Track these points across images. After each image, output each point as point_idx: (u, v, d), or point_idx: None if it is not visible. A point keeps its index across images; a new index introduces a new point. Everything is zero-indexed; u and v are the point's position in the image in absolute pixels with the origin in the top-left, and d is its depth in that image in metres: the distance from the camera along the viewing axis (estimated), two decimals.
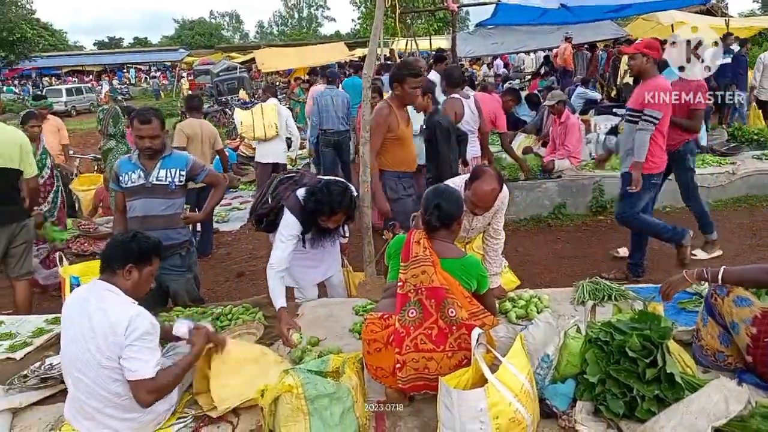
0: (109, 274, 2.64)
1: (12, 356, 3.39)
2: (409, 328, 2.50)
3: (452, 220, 2.76)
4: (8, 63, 35.46)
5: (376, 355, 2.57)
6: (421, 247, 2.64)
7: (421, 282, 2.54)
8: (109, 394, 2.47)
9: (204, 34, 60.83)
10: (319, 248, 3.78)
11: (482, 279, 2.74)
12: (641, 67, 4.61)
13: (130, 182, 3.85)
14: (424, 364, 2.49)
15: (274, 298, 3.43)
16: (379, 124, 4.37)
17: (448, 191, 2.84)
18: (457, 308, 2.48)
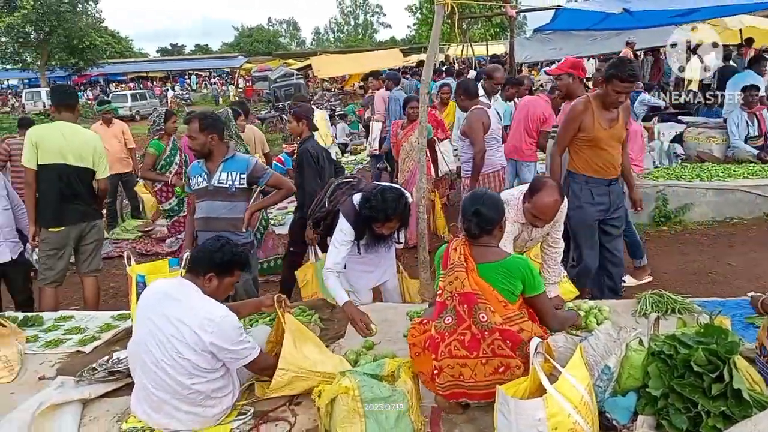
0: (193, 275, 2.76)
1: (82, 350, 3.56)
2: (444, 334, 2.50)
3: (492, 226, 2.68)
4: (78, 69, 37.23)
5: (417, 359, 2.60)
6: (457, 254, 2.62)
7: (455, 288, 2.54)
8: (178, 386, 2.57)
9: (262, 41, 62.28)
10: (373, 253, 3.81)
11: (529, 279, 2.60)
12: (568, 87, 4.69)
13: (196, 185, 4.01)
14: (459, 371, 2.48)
15: (336, 295, 3.49)
16: (570, 119, 4.02)
17: (487, 196, 2.77)
18: (490, 313, 2.45)
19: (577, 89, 4.63)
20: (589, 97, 3.96)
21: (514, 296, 2.58)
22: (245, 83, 35.36)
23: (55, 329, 3.92)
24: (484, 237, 2.67)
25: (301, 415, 2.72)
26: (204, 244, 2.88)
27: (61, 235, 4.49)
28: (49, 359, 3.48)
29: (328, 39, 77.49)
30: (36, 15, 31.44)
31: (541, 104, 6.23)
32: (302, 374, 2.73)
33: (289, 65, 29.06)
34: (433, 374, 2.49)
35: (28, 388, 3.15)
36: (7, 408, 2.91)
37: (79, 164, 4.48)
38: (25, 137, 4.56)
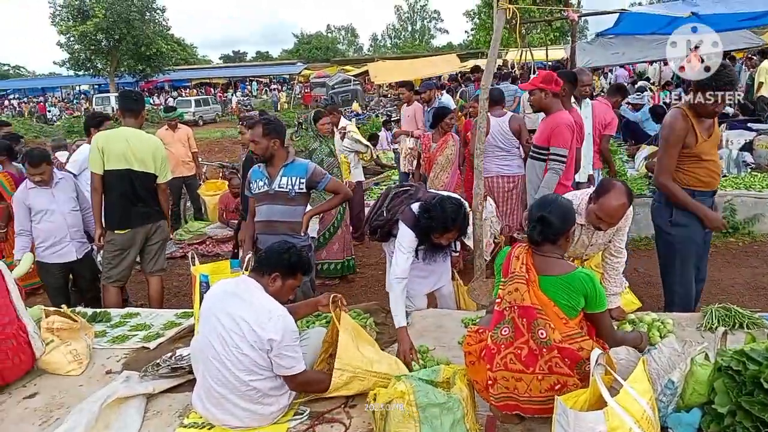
0: (258, 274, 2.84)
1: (146, 346, 3.70)
2: (500, 345, 2.46)
3: (558, 235, 2.56)
4: (145, 76, 38.74)
5: (472, 367, 2.58)
6: (519, 263, 2.54)
7: (515, 299, 2.48)
8: (237, 382, 2.64)
9: (321, 47, 63.23)
10: (430, 261, 3.81)
11: (593, 295, 2.49)
12: (541, 103, 4.43)
13: (257, 189, 4.11)
14: (514, 385, 2.44)
15: (396, 314, 3.43)
16: (674, 140, 3.68)
17: (556, 203, 2.63)
18: (549, 330, 2.39)
19: (551, 104, 4.44)
20: (683, 110, 3.68)
21: (575, 312, 2.50)
22: (303, 89, 35.93)
23: (121, 325, 4.10)
24: (548, 246, 2.56)
25: (356, 417, 2.74)
26: (272, 246, 2.96)
27: (127, 236, 4.67)
28: (116, 354, 3.64)
29: (385, 45, 77.99)
30: (107, 23, 32.92)
31: (603, 108, 6.11)
32: (359, 374, 2.75)
33: (347, 71, 29.41)
34: (488, 384, 2.47)
35: (96, 381, 3.31)
36: (77, 399, 3.07)
37: (143, 169, 4.66)
38: (91, 142, 4.75)
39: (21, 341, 3.27)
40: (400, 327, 3.36)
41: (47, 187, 4.66)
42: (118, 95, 5.39)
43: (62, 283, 4.90)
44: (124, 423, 2.77)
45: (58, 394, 3.19)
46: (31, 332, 3.34)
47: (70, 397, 3.15)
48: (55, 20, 34.38)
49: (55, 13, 34.34)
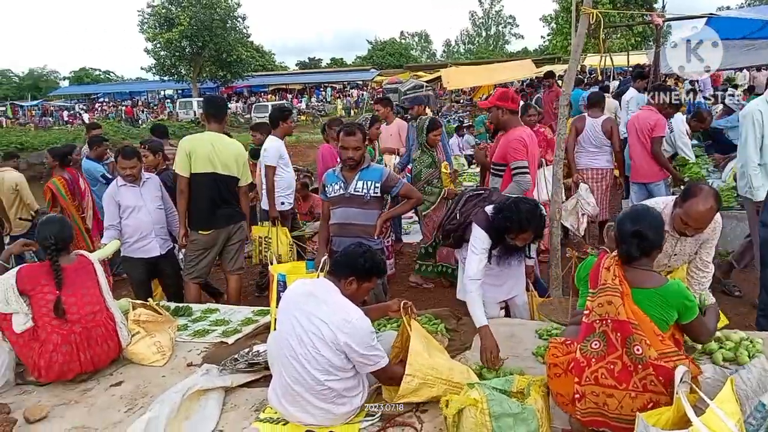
0: (334, 276, 2.90)
1: (225, 341, 3.83)
2: (591, 359, 2.39)
3: (654, 248, 2.50)
4: (225, 81, 40.26)
5: (557, 380, 2.50)
6: (611, 275, 2.45)
7: (607, 313, 2.39)
8: (312, 381, 2.69)
9: (394, 54, 63.61)
10: (505, 266, 3.76)
11: (687, 307, 2.43)
12: (499, 120, 4.65)
13: (332, 192, 4.18)
14: (604, 400, 2.36)
15: (475, 314, 3.42)
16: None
17: (649, 215, 2.55)
18: (645, 346, 2.30)
19: (509, 121, 4.61)
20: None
21: (667, 326, 2.43)
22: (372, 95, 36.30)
23: (202, 320, 4.27)
24: (643, 259, 2.49)
25: (427, 423, 2.74)
26: (348, 249, 3.00)
27: (210, 237, 4.86)
28: (196, 347, 3.79)
29: (458, 51, 77.63)
30: (191, 31, 34.44)
31: (645, 115, 5.95)
32: (429, 381, 2.74)
33: (419, 77, 29.44)
34: (574, 398, 2.40)
35: (178, 373, 3.45)
36: (160, 389, 3.21)
37: (226, 172, 4.84)
38: (178, 147, 4.97)
39: (110, 329, 3.46)
40: (482, 326, 3.34)
41: (135, 186, 4.91)
42: (203, 100, 5.58)
43: (146, 277, 5.14)
44: (204, 414, 2.88)
45: (142, 383, 3.36)
46: (118, 322, 3.53)
47: (154, 386, 3.30)
48: (143, 28, 36.30)
49: (144, 21, 36.26)
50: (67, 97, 54.34)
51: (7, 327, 3.33)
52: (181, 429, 2.78)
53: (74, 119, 38.08)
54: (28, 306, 3.31)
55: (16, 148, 16.69)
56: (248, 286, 6.40)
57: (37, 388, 3.33)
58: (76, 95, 55.18)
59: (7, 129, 31.31)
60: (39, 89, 59.73)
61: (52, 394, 3.27)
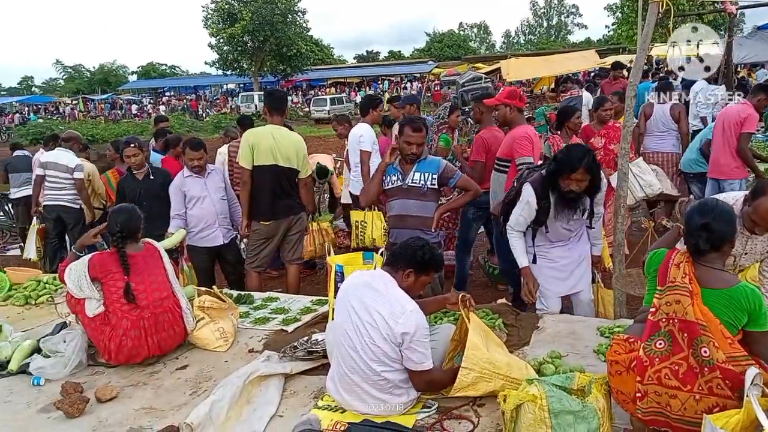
0: (392, 268, 2.92)
1: (285, 328, 3.91)
2: (654, 358, 2.31)
3: (724, 242, 2.39)
4: (285, 75, 40.94)
5: (618, 378, 2.44)
6: (681, 273, 2.36)
7: (675, 312, 2.30)
8: (369, 371, 2.72)
9: (452, 45, 63.02)
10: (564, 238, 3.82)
11: (757, 313, 2.30)
12: (506, 117, 4.78)
13: (389, 184, 4.19)
14: (667, 401, 2.28)
15: (518, 256, 3.76)
16: None
17: (718, 208, 2.45)
18: (713, 349, 2.21)
19: (516, 118, 4.75)
20: None
21: (735, 329, 2.31)
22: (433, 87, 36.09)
23: (262, 308, 4.38)
24: (712, 254, 2.39)
25: (484, 417, 2.72)
26: (406, 243, 3.01)
27: (271, 227, 4.97)
28: (257, 334, 3.89)
29: (518, 42, 76.34)
30: (253, 26, 35.15)
31: (737, 108, 5.67)
32: (486, 375, 2.72)
33: (478, 69, 29.05)
34: (636, 397, 2.33)
35: (240, 359, 3.55)
36: (222, 373, 3.31)
37: (287, 165, 4.93)
38: (242, 139, 5.08)
39: (176, 315, 3.60)
40: (524, 266, 3.76)
41: (201, 177, 5.07)
42: (265, 94, 5.64)
43: (210, 265, 5.31)
44: (265, 399, 2.95)
45: (206, 368, 3.47)
46: (184, 308, 3.66)
47: (217, 371, 3.41)
48: (207, 23, 37.27)
49: (207, 17, 37.23)
50: (134, 91, 56.52)
51: (80, 311, 3.51)
52: (243, 413, 2.86)
53: (142, 112, 39.57)
54: (99, 292, 3.48)
55: (87, 139, 17.47)
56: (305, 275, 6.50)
57: (107, 370, 3.50)
58: (144, 89, 57.28)
59: (80, 122, 32.87)
60: (109, 83, 62.35)
61: (121, 375, 3.43)
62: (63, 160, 6.68)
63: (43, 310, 4.62)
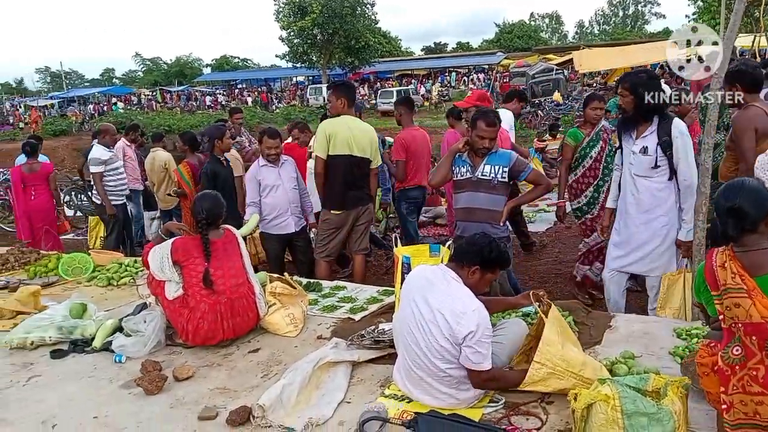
0: (457, 264, 2.90)
1: (352, 317, 3.98)
2: (734, 367, 2.17)
3: (757, 222, 2.17)
4: (353, 68, 41.28)
5: (705, 378, 2.33)
6: (729, 274, 2.18)
7: (737, 316, 2.16)
8: (433, 367, 2.72)
9: (522, 36, 61.71)
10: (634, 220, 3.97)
11: None
12: None
13: (458, 175, 4.16)
14: (754, 409, 2.15)
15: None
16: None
17: (744, 187, 2.22)
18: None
19: None
20: None
21: None
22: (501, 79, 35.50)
23: (330, 296, 4.46)
24: (748, 237, 2.19)
25: (553, 414, 2.68)
26: (472, 238, 2.98)
27: (341, 217, 5.05)
28: (326, 321, 3.97)
29: (592, 32, 73.94)
30: (323, 19, 35.60)
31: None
32: (558, 372, 2.67)
33: (549, 60, 28.40)
34: (722, 409, 2.22)
35: (309, 344, 3.63)
36: (292, 358, 3.41)
37: (361, 155, 4.99)
38: (318, 130, 5.16)
39: (250, 301, 3.72)
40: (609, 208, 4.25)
41: (275, 166, 5.20)
42: (337, 85, 5.61)
43: (281, 253, 5.45)
44: (333, 385, 3.01)
45: (276, 352, 3.57)
46: (257, 294, 3.78)
47: (287, 355, 3.50)
48: (278, 17, 38.02)
49: (279, 10, 37.97)
50: (209, 83, 58.34)
51: (160, 293, 3.68)
52: (312, 397, 2.93)
53: (216, 104, 40.86)
54: (179, 275, 3.63)
55: (164, 130, 18.19)
56: (370, 267, 6.58)
57: (184, 350, 3.66)
58: (217, 82, 59.05)
59: (157, 112, 34.27)
60: (184, 75, 64.77)
61: (197, 356, 3.57)
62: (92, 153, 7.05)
63: (125, 291, 4.88)
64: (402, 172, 5.85)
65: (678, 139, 3.74)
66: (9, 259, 5.73)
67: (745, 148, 3.73)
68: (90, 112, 38.36)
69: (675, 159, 3.76)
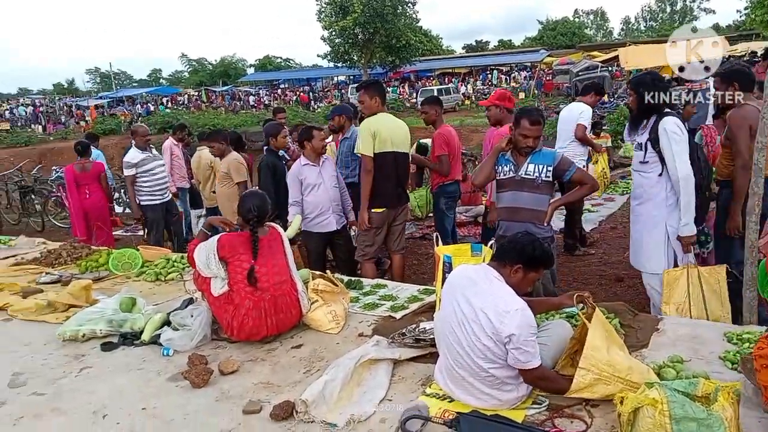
0: (500, 263, 2.88)
1: (393, 315, 3.99)
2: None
3: None
4: (394, 67, 41.28)
5: (764, 371, 2.30)
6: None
7: None
8: (476, 367, 2.70)
9: (566, 33, 60.68)
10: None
11: None
12: (497, 116, 5.52)
13: (501, 174, 4.13)
14: None
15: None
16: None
17: None
18: None
19: (505, 118, 5.35)
20: None
21: None
22: (544, 76, 34.98)
23: (371, 294, 4.48)
24: None
25: (598, 418, 2.63)
26: (516, 237, 2.96)
27: (383, 215, 5.07)
28: (367, 319, 3.99)
29: (638, 28, 72.15)
30: (364, 18, 35.67)
31: None
32: (604, 377, 2.61)
33: (593, 57, 27.83)
34: None
35: (350, 341, 3.66)
36: (334, 354, 3.44)
37: (401, 150, 5.01)
38: (361, 128, 5.19)
39: (293, 298, 3.77)
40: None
41: (316, 165, 5.25)
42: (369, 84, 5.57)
43: (323, 250, 5.50)
44: (375, 383, 3.02)
45: (318, 348, 3.61)
46: (300, 291, 3.83)
47: (329, 352, 3.53)
48: (320, 17, 38.30)
49: (321, 10, 38.23)
50: (252, 83, 59.25)
51: (206, 289, 3.76)
52: (354, 394, 2.95)
53: (259, 103, 41.47)
54: (225, 272, 3.70)
55: (209, 129, 18.59)
56: (411, 265, 6.59)
57: (229, 345, 3.73)
58: (260, 81, 59.93)
59: (202, 112, 34.99)
60: (229, 76, 65.88)
61: (241, 351, 3.64)
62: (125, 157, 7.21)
63: (172, 286, 5.01)
64: (447, 166, 5.85)
65: (663, 136, 3.87)
66: (62, 254, 5.95)
67: (741, 144, 3.96)
68: (138, 112, 39.41)
69: (664, 155, 3.90)
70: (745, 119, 3.95)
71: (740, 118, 4.00)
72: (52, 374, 3.50)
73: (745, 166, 3.85)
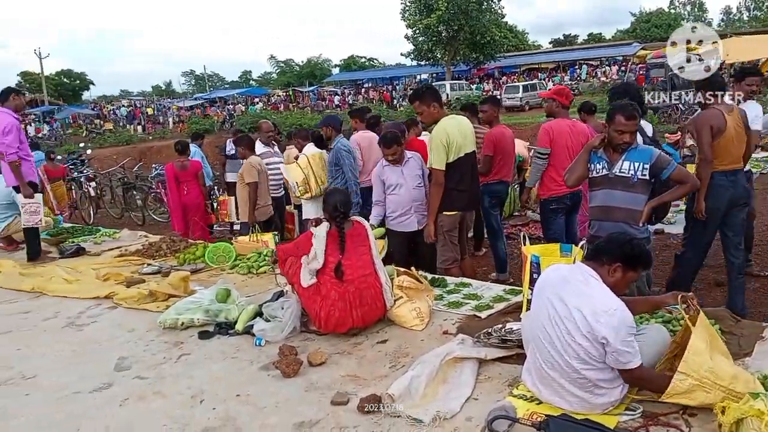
0: (596, 263, 2.80)
1: (478, 314, 3.97)
2: None
3: None
4: (477, 63, 40.80)
5: None
6: None
7: None
8: (568, 368, 2.65)
9: (661, 25, 57.63)
10: None
11: None
12: (551, 109, 5.58)
13: (594, 172, 3.99)
14: None
15: None
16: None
17: None
18: None
19: (559, 112, 5.47)
20: None
21: None
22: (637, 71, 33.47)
23: (455, 292, 4.48)
24: None
25: (696, 427, 2.51)
26: (613, 236, 2.88)
27: (455, 218, 5.01)
28: (451, 317, 4.00)
29: (740, 19, 67.61)
30: (448, 15, 35.53)
31: None
32: (705, 385, 2.49)
33: None
34: None
35: (434, 339, 3.68)
36: (419, 350, 3.47)
37: (471, 150, 4.98)
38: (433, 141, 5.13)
39: (377, 291, 3.84)
40: None
41: (398, 165, 5.28)
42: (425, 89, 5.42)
43: (405, 249, 5.52)
44: (460, 381, 3.02)
45: (403, 344, 3.65)
46: (383, 285, 3.88)
47: (414, 348, 3.57)
48: (404, 15, 38.47)
49: (405, 9, 38.39)
50: (337, 83, 60.31)
51: (296, 281, 3.90)
52: (439, 391, 2.97)
53: (343, 103, 42.22)
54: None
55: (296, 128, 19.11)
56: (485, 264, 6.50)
57: (317, 337, 3.84)
58: (345, 81, 60.88)
59: (289, 112, 36.04)
60: (315, 76, 67.41)
61: (329, 343, 3.74)
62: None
63: (263, 279, 5.21)
64: (488, 166, 6.04)
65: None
66: (162, 246, 6.34)
67: (704, 142, 4.47)
68: (230, 112, 41.12)
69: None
70: (707, 120, 4.48)
71: (704, 119, 4.52)
72: (153, 360, 3.73)
73: (704, 160, 4.46)
